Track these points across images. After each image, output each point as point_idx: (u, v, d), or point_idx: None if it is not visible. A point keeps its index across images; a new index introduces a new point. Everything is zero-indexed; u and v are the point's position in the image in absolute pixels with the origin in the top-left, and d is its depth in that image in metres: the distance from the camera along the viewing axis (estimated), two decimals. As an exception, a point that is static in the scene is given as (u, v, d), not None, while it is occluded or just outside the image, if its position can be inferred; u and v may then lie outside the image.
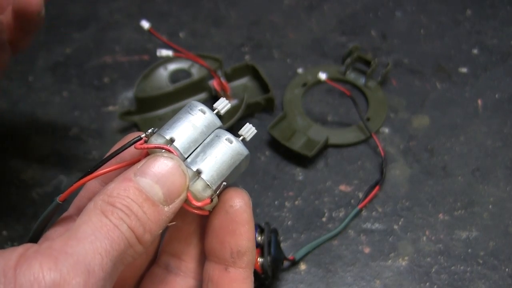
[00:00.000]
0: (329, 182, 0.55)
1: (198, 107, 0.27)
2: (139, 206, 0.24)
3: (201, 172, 0.26)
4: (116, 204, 0.23)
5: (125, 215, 0.23)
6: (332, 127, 0.60)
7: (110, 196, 0.24)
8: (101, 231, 0.23)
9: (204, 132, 0.27)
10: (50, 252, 0.22)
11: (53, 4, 0.75)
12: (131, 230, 0.23)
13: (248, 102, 0.58)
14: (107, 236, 0.23)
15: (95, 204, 0.24)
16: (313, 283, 0.48)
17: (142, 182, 0.24)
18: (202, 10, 0.74)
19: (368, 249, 0.50)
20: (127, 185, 0.24)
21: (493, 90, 0.63)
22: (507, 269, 0.48)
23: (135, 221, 0.24)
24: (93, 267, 0.22)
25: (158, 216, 0.24)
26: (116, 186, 0.24)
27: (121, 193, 0.24)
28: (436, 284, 0.47)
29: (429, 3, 0.74)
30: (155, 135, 0.27)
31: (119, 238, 0.23)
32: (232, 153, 0.27)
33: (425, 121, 0.60)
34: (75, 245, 0.22)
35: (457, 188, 0.54)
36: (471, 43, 0.68)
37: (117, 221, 0.23)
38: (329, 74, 0.61)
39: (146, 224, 0.24)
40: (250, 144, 0.60)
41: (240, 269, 0.27)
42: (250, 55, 0.68)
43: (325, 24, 0.72)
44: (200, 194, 0.26)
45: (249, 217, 0.27)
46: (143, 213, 0.24)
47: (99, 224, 0.23)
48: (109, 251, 0.22)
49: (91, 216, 0.23)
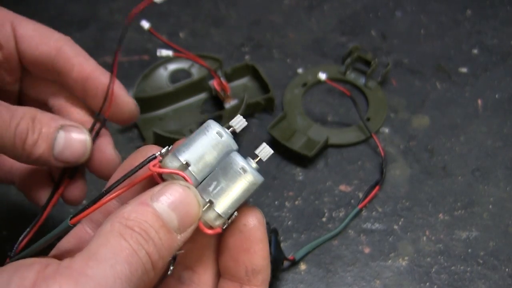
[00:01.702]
0: (329, 182, 0.55)
1: (215, 130, 0.27)
2: (156, 232, 0.24)
3: (213, 203, 0.26)
4: (134, 228, 0.23)
5: (144, 240, 0.23)
6: (332, 127, 0.60)
7: (128, 219, 0.24)
8: (121, 255, 0.22)
9: (219, 156, 0.27)
10: (70, 273, 0.21)
11: (53, 4, 0.75)
12: (148, 256, 0.23)
13: (248, 102, 0.58)
14: (127, 261, 0.22)
15: (112, 226, 0.23)
16: (313, 283, 0.48)
17: (159, 208, 0.24)
18: (202, 10, 0.74)
19: (368, 249, 0.50)
20: (145, 210, 0.24)
21: (493, 90, 0.63)
22: (507, 269, 0.48)
23: (153, 248, 0.23)
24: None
25: (171, 243, 0.24)
26: (133, 210, 0.24)
27: (138, 217, 0.24)
28: (436, 284, 0.47)
29: (429, 3, 0.74)
30: (170, 156, 0.26)
31: (137, 263, 0.23)
32: (247, 184, 0.26)
33: (425, 121, 0.60)
34: (95, 267, 0.22)
35: (457, 188, 0.54)
36: (471, 43, 0.68)
37: (136, 246, 0.23)
38: (329, 74, 0.61)
39: (161, 251, 0.24)
40: (251, 144, 0.60)
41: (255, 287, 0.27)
42: (250, 55, 0.68)
43: (325, 24, 0.72)
44: (212, 223, 0.26)
45: (263, 235, 0.27)
46: (159, 239, 0.24)
47: (119, 248, 0.23)
48: (128, 276, 0.22)
49: (109, 238, 0.23)
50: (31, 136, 0.29)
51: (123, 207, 0.25)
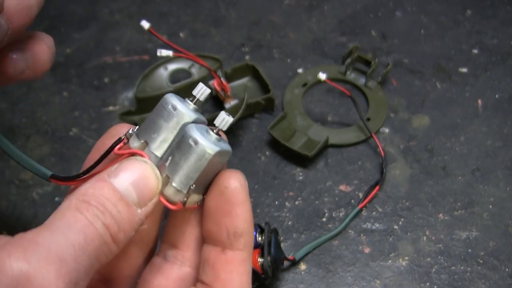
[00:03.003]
0: (329, 182, 0.55)
1: (169, 104, 0.27)
2: (114, 205, 0.24)
3: (169, 178, 0.26)
4: (91, 201, 0.23)
5: (100, 212, 0.23)
6: (332, 127, 0.60)
7: (85, 195, 0.24)
8: (75, 225, 0.22)
9: (176, 130, 0.27)
10: (21, 243, 0.21)
11: (53, 4, 0.75)
12: (105, 228, 0.23)
13: (248, 102, 0.58)
14: (81, 231, 0.22)
15: (70, 202, 0.24)
16: (313, 283, 0.48)
17: (116, 183, 0.24)
18: (202, 10, 0.74)
19: (368, 249, 0.50)
20: (102, 185, 0.24)
21: (493, 90, 0.63)
22: (507, 269, 0.48)
23: (110, 219, 0.23)
24: (65, 257, 0.21)
25: (131, 217, 0.24)
26: (90, 186, 0.24)
27: (96, 192, 0.24)
28: (436, 284, 0.47)
29: (429, 3, 0.74)
30: (133, 137, 0.27)
31: (93, 234, 0.23)
32: (197, 156, 0.26)
33: (425, 121, 0.60)
34: (47, 236, 0.21)
35: (457, 188, 0.54)
36: (471, 43, 0.68)
37: (92, 217, 0.23)
38: (329, 74, 0.61)
39: (120, 224, 0.24)
40: (251, 144, 0.60)
41: (237, 251, 0.27)
42: (250, 55, 0.68)
43: (325, 24, 0.72)
44: (171, 198, 0.26)
45: (244, 197, 0.27)
46: (117, 212, 0.24)
47: (74, 219, 0.23)
48: (83, 245, 0.22)
49: (65, 212, 0.23)
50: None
51: (81, 185, 0.25)
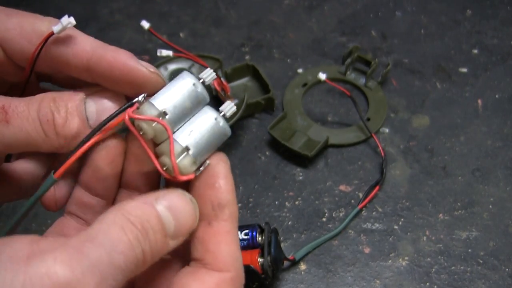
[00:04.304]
0: (329, 182, 0.55)
1: (192, 81, 0.27)
2: (155, 233, 0.24)
3: (189, 149, 0.26)
4: (136, 224, 0.24)
5: (142, 238, 0.24)
6: (332, 127, 0.60)
7: (131, 215, 0.24)
8: (119, 246, 0.23)
9: (195, 107, 0.28)
10: (66, 249, 0.21)
11: (53, 4, 0.75)
12: (142, 253, 0.24)
13: (248, 102, 0.58)
14: (123, 252, 0.23)
15: (115, 217, 0.24)
16: (313, 283, 0.48)
17: (162, 212, 0.25)
18: (202, 10, 0.74)
19: (368, 249, 0.50)
20: (149, 210, 0.25)
21: (493, 90, 0.63)
22: (507, 269, 0.48)
23: (148, 247, 0.24)
24: (106, 275, 0.22)
25: (163, 247, 0.25)
26: (138, 207, 0.24)
27: (142, 215, 0.24)
28: (436, 284, 0.47)
29: (429, 3, 0.74)
30: (147, 104, 0.27)
31: (132, 257, 0.23)
32: (219, 133, 0.28)
33: (425, 121, 0.60)
34: (92, 249, 0.22)
35: (457, 188, 0.54)
36: (471, 43, 0.68)
37: (135, 242, 0.23)
38: (329, 74, 0.61)
39: (154, 252, 0.24)
40: (251, 144, 0.60)
41: (223, 222, 0.27)
42: (250, 55, 0.68)
43: (325, 24, 0.72)
44: (186, 169, 0.26)
45: (226, 171, 0.28)
46: (155, 241, 0.24)
47: (117, 239, 0.23)
48: (120, 266, 0.23)
49: (110, 227, 0.23)
50: (57, 116, 0.27)
51: (127, 201, 0.25)
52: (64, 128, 0.27)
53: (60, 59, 0.29)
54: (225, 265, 0.27)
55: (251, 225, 0.47)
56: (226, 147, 0.58)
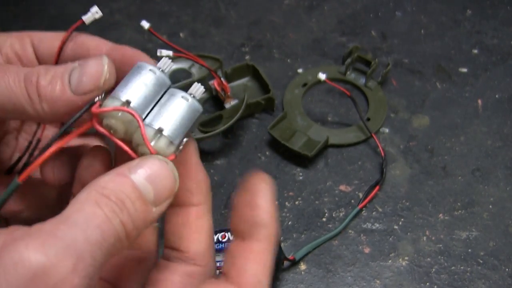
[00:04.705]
0: (329, 182, 0.55)
1: (148, 68, 0.28)
2: (132, 202, 0.24)
3: (162, 130, 0.26)
4: (111, 197, 0.23)
5: (119, 209, 0.23)
6: (332, 127, 0.60)
7: (105, 188, 0.24)
8: (94, 221, 0.22)
9: (157, 92, 0.27)
10: (39, 235, 0.21)
11: (53, 4, 0.75)
12: (122, 225, 0.23)
13: (248, 102, 0.58)
14: (99, 227, 0.22)
15: (88, 194, 0.24)
16: (313, 283, 0.48)
17: (137, 180, 0.25)
18: (202, 10, 0.74)
19: (368, 249, 0.50)
20: (123, 181, 0.24)
21: (493, 90, 0.63)
22: (507, 269, 0.48)
23: (127, 217, 0.24)
24: (83, 254, 0.21)
25: (147, 216, 0.25)
26: (111, 179, 0.24)
27: (116, 187, 0.24)
28: (436, 284, 0.47)
29: (429, 3, 0.74)
30: (110, 98, 0.27)
31: (110, 230, 0.23)
32: (189, 109, 0.27)
33: (425, 121, 0.60)
34: (66, 230, 0.22)
35: (457, 188, 0.54)
36: (471, 43, 0.68)
37: (111, 214, 0.23)
38: (329, 74, 0.61)
39: (136, 221, 0.24)
40: (251, 144, 0.60)
41: (257, 241, 0.27)
42: (250, 55, 0.68)
43: (325, 24, 0.72)
44: (164, 151, 0.26)
45: (267, 190, 0.28)
46: (135, 210, 0.24)
47: (92, 214, 0.23)
48: (99, 242, 0.22)
49: (84, 205, 0.23)
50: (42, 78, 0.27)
51: (100, 177, 0.25)
52: (45, 90, 0.27)
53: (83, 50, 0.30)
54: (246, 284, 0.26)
55: (251, 225, 0.47)
56: (226, 147, 0.58)
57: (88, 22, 0.31)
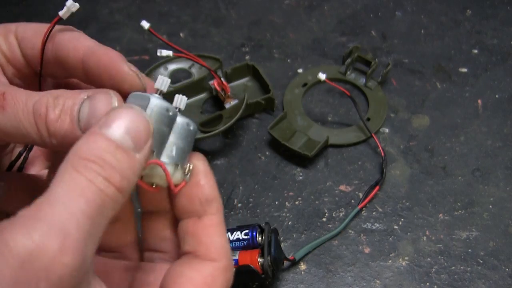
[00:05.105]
0: (329, 182, 0.55)
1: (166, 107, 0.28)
2: (112, 155, 0.23)
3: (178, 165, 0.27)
4: (88, 157, 0.23)
5: (99, 167, 0.23)
6: (332, 127, 0.60)
7: (81, 151, 0.23)
8: (75, 190, 0.22)
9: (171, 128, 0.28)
10: (23, 221, 0.21)
11: (53, 4, 0.75)
12: (107, 181, 0.23)
13: (248, 102, 0.58)
14: (81, 195, 0.22)
15: (66, 163, 0.23)
16: (313, 283, 0.48)
17: (110, 133, 0.24)
18: (202, 10, 0.74)
19: (368, 249, 0.50)
20: (96, 138, 0.24)
21: (493, 90, 0.63)
22: (507, 269, 0.48)
23: (110, 170, 0.23)
24: (69, 230, 0.21)
25: (132, 163, 0.24)
26: (83, 142, 0.24)
27: (91, 146, 0.23)
28: (436, 284, 0.47)
29: (429, 3, 0.74)
30: None
31: (94, 193, 0.22)
32: (192, 136, 0.28)
33: (425, 121, 0.60)
34: (48, 210, 0.21)
35: (457, 188, 0.54)
36: (471, 43, 0.68)
37: (91, 174, 0.23)
38: (329, 74, 0.61)
39: (122, 172, 0.24)
40: (251, 144, 0.60)
41: (212, 216, 0.28)
42: (250, 55, 0.68)
43: (325, 24, 0.72)
44: (179, 181, 0.27)
45: (206, 169, 0.29)
46: (117, 161, 0.24)
47: (72, 183, 0.22)
48: (85, 210, 0.22)
49: (63, 175, 0.22)
50: (51, 112, 0.27)
51: (75, 144, 0.24)
52: (54, 126, 0.26)
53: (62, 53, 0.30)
54: (218, 255, 0.28)
55: (251, 225, 0.47)
56: (226, 147, 0.58)
57: (66, 17, 0.30)
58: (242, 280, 0.45)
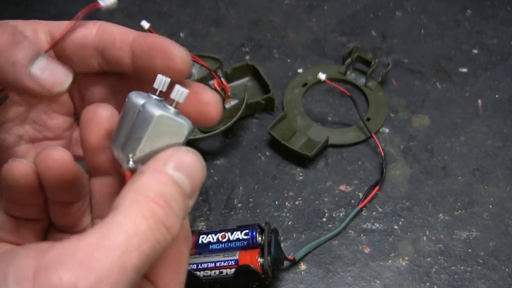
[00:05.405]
0: (329, 182, 0.55)
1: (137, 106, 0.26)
2: (177, 203, 0.23)
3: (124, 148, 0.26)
4: (158, 201, 0.22)
5: (165, 216, 0.22)
6: (332, 127, 0.60)
7: (150, 190, 0.22)
8: (134, 240, 0.21)
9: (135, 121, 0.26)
10: (73, 264, 0.20)
11: (53, 4, 0.75)
12: (167, 233, 0.22)
13: (248, 102, 0.58)
14: (138, 248, 0.21)
15: (133, 201, 0.22)
16: (313, 283, 0.48)
17: (177, 176, 0.24)
18: (202, 10, 0.74)
19: (368, 249, 0.50)
20: (165, 179, 0.23)
21: (493, 90, 0.63)
22: (507, 269, 0.48)
23: (173, 220, 0.23)
24: (117, 284, 0.20)
25: (185, 211, 0.24)
26: (152, 178, 0.23)
27: (160, 187, 0.23)
28: (436, 284, 0.47)
29: (429, 3, 0.74)
30: None
31: (150, 247, 0.21)
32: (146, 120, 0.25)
33: (425, 121, 0.60)
34: (102, 259, 0.20)
35: (457, 188, 0.54)
36: (471, 43, 0.68)
37: (156, 225, 0.22)
38: (329, 74, 0.61)
39: (179, 219, 0.23)
40: (251, 144, 0.60)
41: None
42: (250, 55, 0.68)
43: (325, 24, 0.72)
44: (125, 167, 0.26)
45: None
46: (179, 209, 0.23)
47: (133, 231, 0.21)
48: (136, 265, 0.21)
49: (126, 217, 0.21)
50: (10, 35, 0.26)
51: (138, 177, 0.23)
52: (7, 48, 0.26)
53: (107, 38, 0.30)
54: None
55: (251, 225, 0.47)
56: (226, 147, 0.58)
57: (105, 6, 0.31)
58: (242, 280, 0.45)
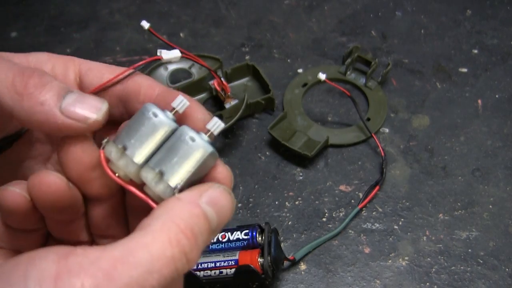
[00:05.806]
0: (329, 182, 0.55)
1: (150, 111, 0.27)
2: (202, 235, 0.23)
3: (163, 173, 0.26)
4: (186, 231, 0.23)
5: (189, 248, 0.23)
6: (332, 127, 0.60)
7: (181, 219, 0.23)
8: (157, 263, 0.21)
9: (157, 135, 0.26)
10: (95, 272, 0.20)
11: (53, 4, 0.75)
12: (188, 263, 0.23)
13: (248, 102, 0.58)
14: (159, 271, 0.21)
15: (163, 226, 0.22)
16: (313, 283, 0.48)
17: (209, 212, 0.24)
18: (202, 10, 0.74)
19: (368, 249, 0.50)
20: (197, 212, 0.24)
21: (493, 90, 0.63)
22: (507, 269, 0.48)
23: (196, 251, 0.23)
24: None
25: (208, 244, 0.25)
26: (185, 208, 0.24)
27: (191, 219, 0.23)
28: (436, 284, 0.47)
29: (429, 3, 0.74)
30: (109, 143, 0.27)
31: (169, 273, 0.22)
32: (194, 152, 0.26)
33: (425, 121, 0.60)
34: (123, 273, 0.20)
35: (457, 188, 0.54)
36: (471, 43, 0.68)
37: (179, 255, 0.22)
38: (329, 74, 0.61)
39: (200, 252, 0.24)
40: (251, 144, 0.60)
41: None
42: (250, 55, 0.68)
43: (325, 24, 0.72)
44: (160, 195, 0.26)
45: None
46: (202, 242, 0.24)
47: (158, 255, 0.22)
48: (154, 286, 0.21)
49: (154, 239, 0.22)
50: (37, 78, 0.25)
51: (174, 203, 0.24)
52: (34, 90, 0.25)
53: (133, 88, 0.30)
54: None
55: (251, 225, 0.47)
56: (226, 147, 0.58)
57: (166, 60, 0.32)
58: (242, 280, 0.45)
